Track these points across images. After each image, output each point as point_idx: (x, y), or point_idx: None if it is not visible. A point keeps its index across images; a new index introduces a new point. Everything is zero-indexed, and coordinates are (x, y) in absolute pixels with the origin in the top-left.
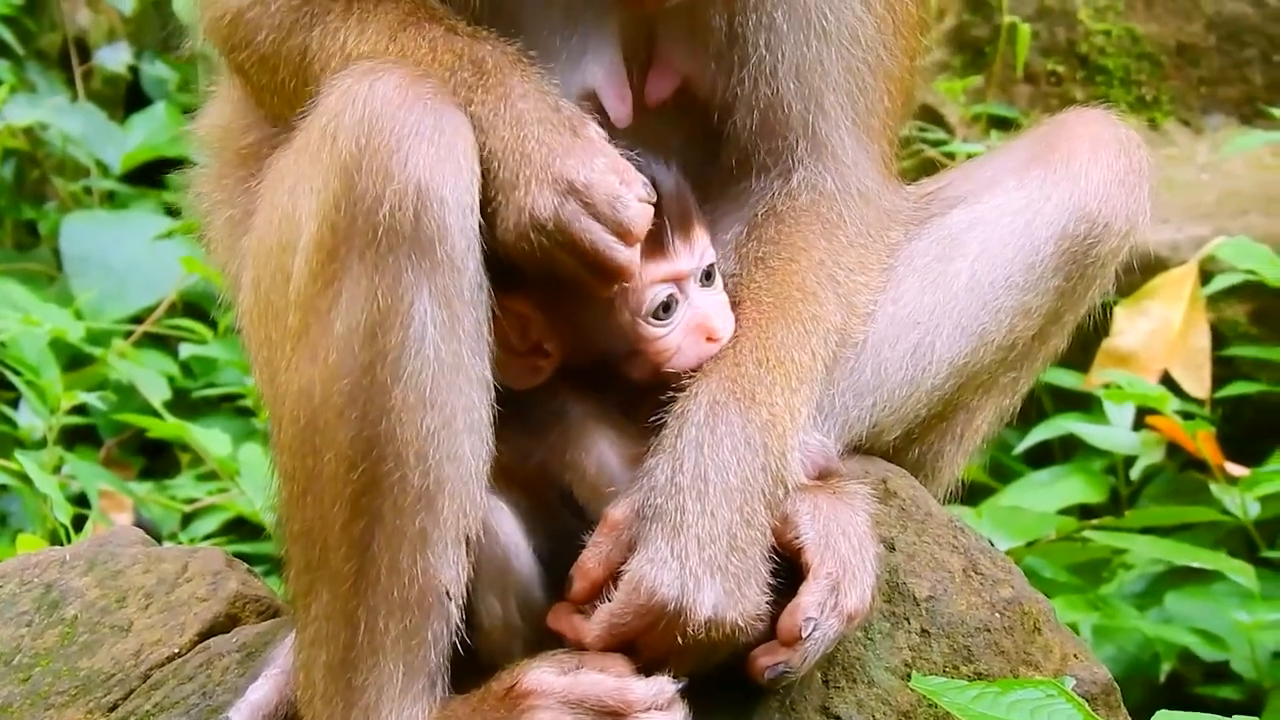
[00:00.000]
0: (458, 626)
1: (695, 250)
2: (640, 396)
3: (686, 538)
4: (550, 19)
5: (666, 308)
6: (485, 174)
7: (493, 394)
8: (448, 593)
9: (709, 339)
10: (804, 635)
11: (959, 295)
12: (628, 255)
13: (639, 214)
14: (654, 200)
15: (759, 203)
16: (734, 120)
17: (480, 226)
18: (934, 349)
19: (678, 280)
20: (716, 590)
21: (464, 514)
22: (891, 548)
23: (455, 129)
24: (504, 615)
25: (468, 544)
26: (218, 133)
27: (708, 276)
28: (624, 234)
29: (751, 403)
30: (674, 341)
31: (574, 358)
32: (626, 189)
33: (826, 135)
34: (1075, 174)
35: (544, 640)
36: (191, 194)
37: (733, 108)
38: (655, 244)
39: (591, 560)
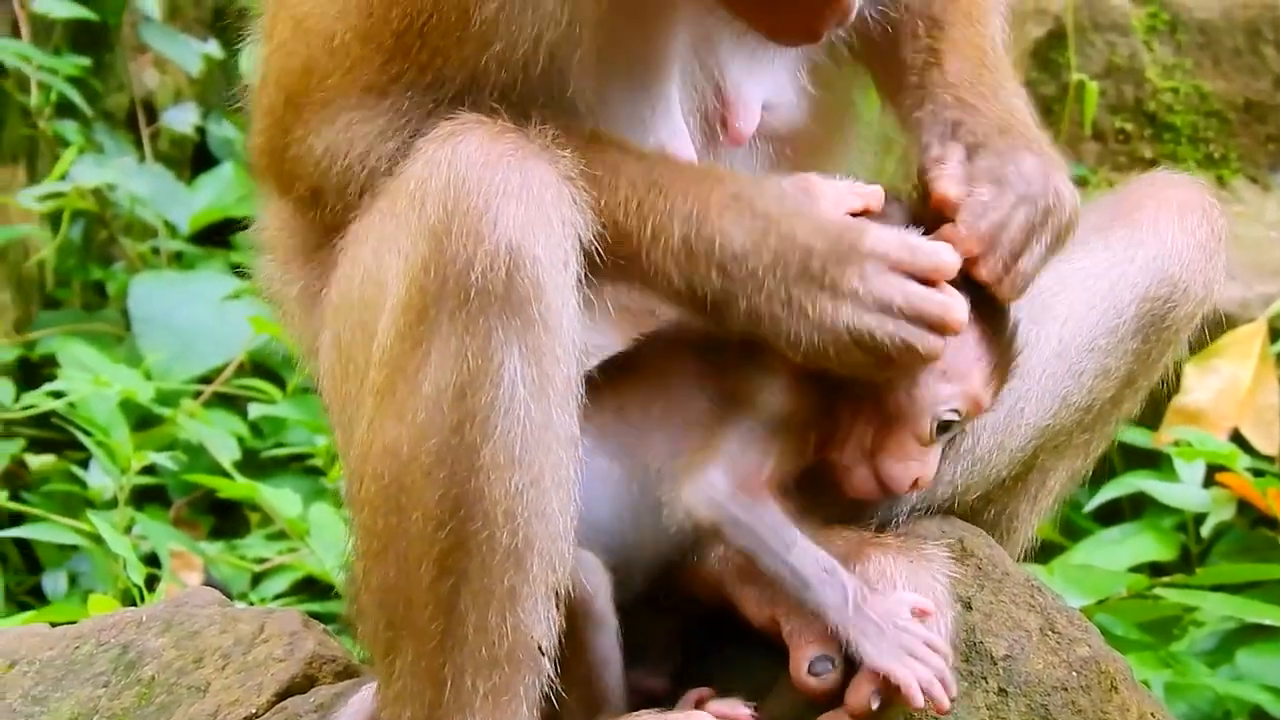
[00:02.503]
0: (551, 680)
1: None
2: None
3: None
4: (611, 95)
5: (945, 428)
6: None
7: (579, 450)
8: (540, 647)
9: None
10: (874, 708)
11: (1048, 361)
12: (959, 303)
13: (932, 251)
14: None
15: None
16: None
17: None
18: (1023, 414)
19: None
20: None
21: (553, 570)
22: (969, 606)
23: (543, 183)
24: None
25: (557, 599)
26: (280, 225)
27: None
28: (929, 273)
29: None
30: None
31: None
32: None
33: None
34: (1161, 235)
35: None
36: (262, 278)
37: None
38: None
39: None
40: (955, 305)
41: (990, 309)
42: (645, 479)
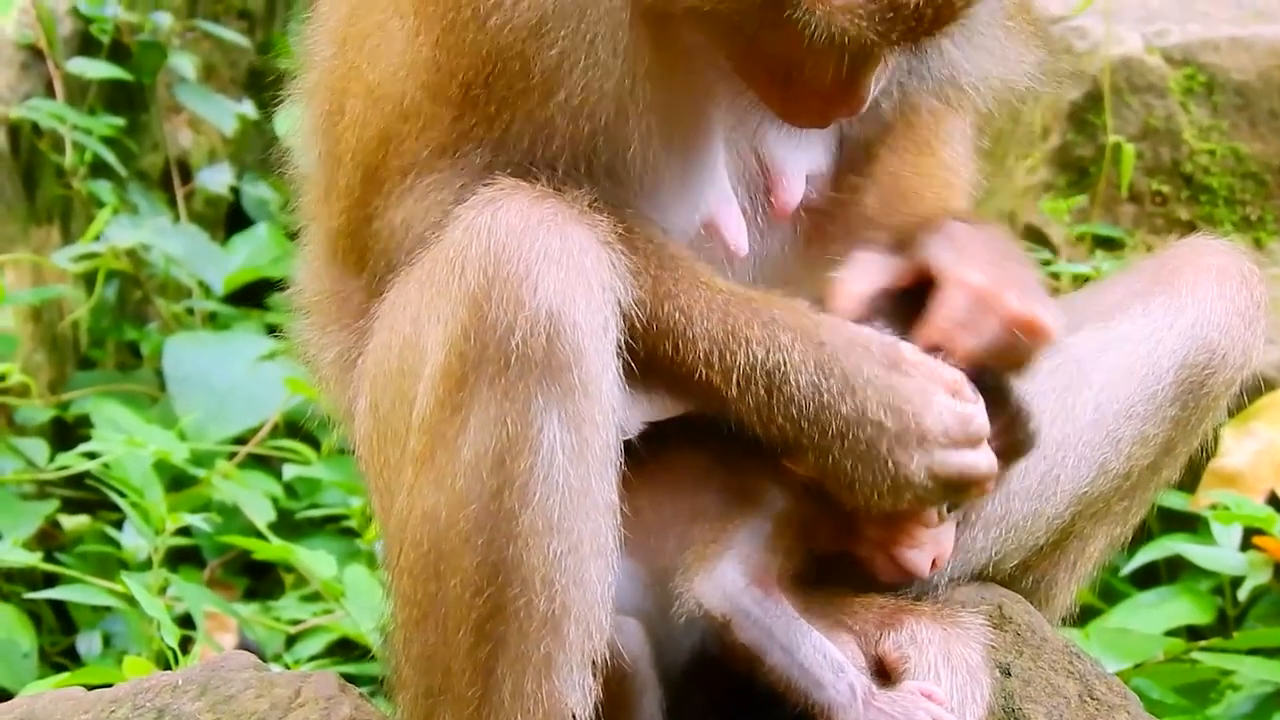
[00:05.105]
0: None
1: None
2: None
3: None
4: (664, 157)
5: (953, 505)
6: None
7: (619, 518)
8: (573, 715)
9: (939, 556)
10: None
11: (1084, 429)
12: (989, 461)
13: (983, 420)
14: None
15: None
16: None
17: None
18: (1059, 481)
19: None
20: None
21: (590, 637)
22: (1007, 673)
23: (583, 248)
24: None
25: (594, 667)
26: (316, 290)
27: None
28: (977, 443)
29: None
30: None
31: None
32: (966, 404)
33: None
34: (1199, 302)
35: None
36: (299, 342)
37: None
38: None
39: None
40: (993, 466)
41: (989, 394)
42: (666, 577)
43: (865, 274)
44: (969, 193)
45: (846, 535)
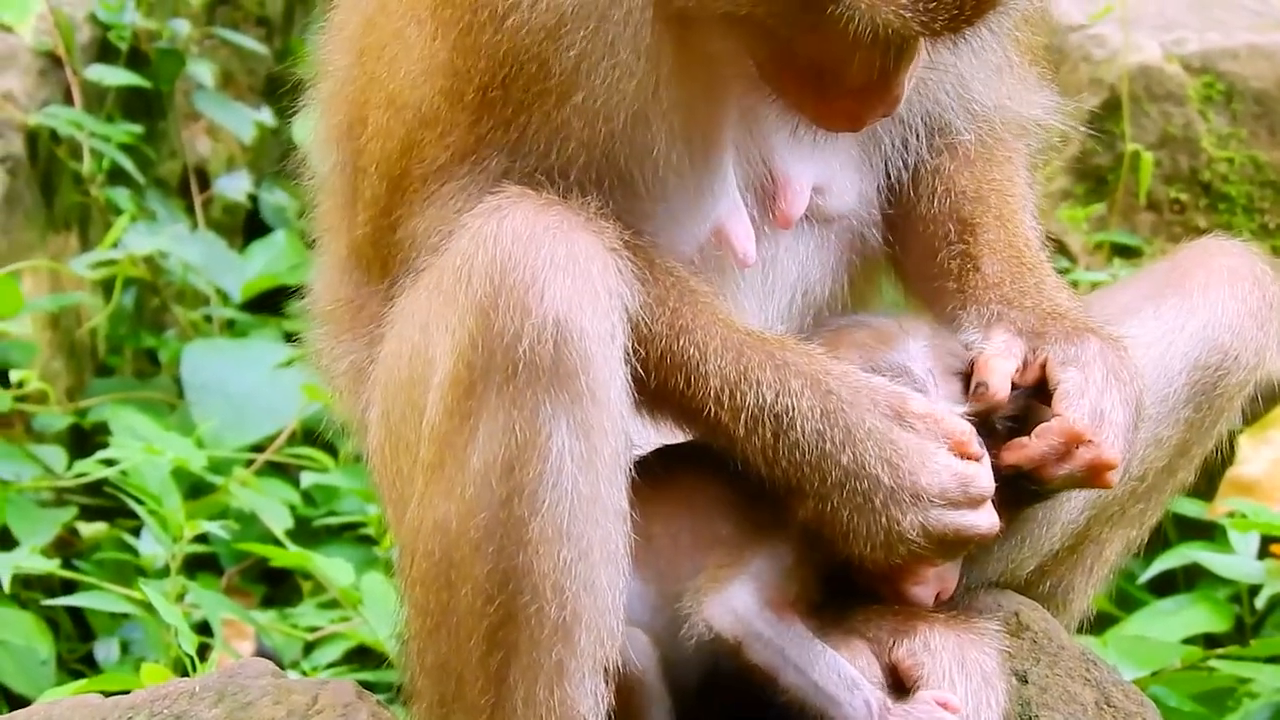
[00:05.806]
0: None
1: None
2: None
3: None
4: (680, 163)
5: None
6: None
7: (628, 524)
8: None
9: (944, 590)
10: None
11: None
12: (989, 521)
13: (988, 479)
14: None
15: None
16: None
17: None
18: None
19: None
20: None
21: (601, 645)
22: (1024, 680)
23: (589, 255)
24: None
25: (606, 674)
26: (331, 298)
27: None
28: (977, 503)
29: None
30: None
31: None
32: (969, 462)
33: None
34: (1211, 304)
35: None
36: (314, 351)
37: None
38: None
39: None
40: (993, 526)
41: (992, 439)
42: (675, 599)
43: (1010, 355)
44: (1030, 207)
45: (854, 566)
